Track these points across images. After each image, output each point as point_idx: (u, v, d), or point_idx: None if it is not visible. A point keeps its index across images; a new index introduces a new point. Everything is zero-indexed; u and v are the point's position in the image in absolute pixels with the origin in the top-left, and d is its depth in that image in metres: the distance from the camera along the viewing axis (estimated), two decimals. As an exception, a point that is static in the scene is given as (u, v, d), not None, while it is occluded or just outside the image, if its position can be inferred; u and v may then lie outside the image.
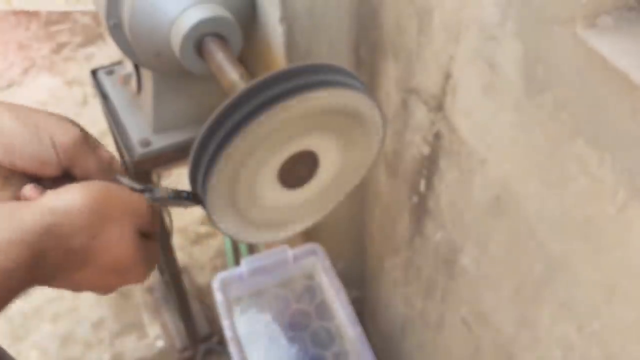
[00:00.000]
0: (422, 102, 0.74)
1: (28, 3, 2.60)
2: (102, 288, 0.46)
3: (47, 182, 0.46)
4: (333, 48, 0.82)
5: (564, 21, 0.46)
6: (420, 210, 0.85)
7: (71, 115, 0.49)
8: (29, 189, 0.44)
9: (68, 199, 0.41)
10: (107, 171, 0.48)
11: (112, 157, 0.49)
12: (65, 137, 0.46)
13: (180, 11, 0.71)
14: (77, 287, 0.45)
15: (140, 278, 0.47)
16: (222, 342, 1.47)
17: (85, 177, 0.47)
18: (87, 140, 0.47)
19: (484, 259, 0.72)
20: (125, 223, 0.44)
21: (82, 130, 0.48)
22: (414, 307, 1.00)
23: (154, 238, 0.49)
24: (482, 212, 0.69)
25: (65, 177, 0.47)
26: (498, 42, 0.55)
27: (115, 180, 0.50)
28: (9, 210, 0.39)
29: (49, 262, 0.39)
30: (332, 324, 1.02)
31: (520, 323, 0.67)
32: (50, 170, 0.46)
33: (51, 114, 0.47)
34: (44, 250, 0.38)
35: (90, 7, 2.62)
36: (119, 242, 0.43)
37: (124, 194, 0.45)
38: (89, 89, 2.25)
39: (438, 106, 0.71)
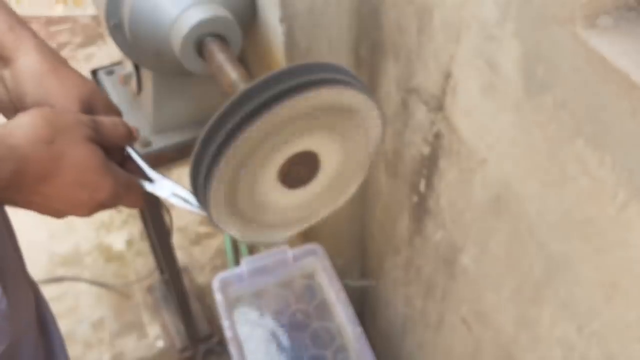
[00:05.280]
0: (422, 102, 0.74)
1: (26, 9, 2.60)
2: (78, 205, 0.48)
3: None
4: (333, 48, 0.82)
5: (564, 21, 0.46)
6: (420, 210, 0.85)
7: (72, 115, 0.50)
8: None
9: (20, 116, 0.45)
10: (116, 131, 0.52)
11: (110, 123, 0.52)
12: (59, 108, 0.50)
13: (180, 11, 0.71)
14: (53, 206, 0.47)
15: (111, 192, 0.49)
16: (222, 342, 1.47)
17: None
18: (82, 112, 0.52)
19: (484, 259, 0.72)
20: (74, 132, 0.46)
21: (84, 107, 0.52)
22: (414, 307, 1.00)
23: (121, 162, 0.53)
24: (482, 212, 0.69)
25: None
26: (498, 41, 0.55)
27: (127, 152, 0.54)
28: None
29: (4, 170, 0.42)
30: (332, 324, 1.02)
31: (520, 323, 0.67)
32: None
33: (67, 82, 0.53)
34: None
35: (89, 11, 2.62)
36: (74, 148, 0.46)
37: (70, 113, 0.48)
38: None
39: (438, 106, 0.71)
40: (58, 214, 0.49)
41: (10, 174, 0.42)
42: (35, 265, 1.70)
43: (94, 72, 1.04)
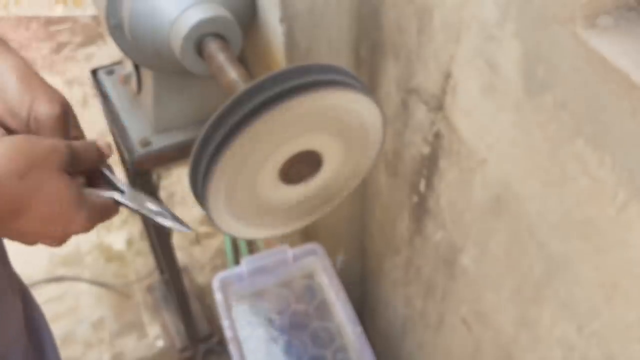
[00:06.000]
0: (422, 102, 0.74)
1: (26, 10, 2.60)
2: (50, 238, 0.48)
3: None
4: (333, 48, 0.82)
5: (564, 21, 0.46)
6: (420, 210, 0.85)
7: (71, 115, 0.50)
8: None
9: None
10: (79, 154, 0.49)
11: (84, 148, 0.51)
12: (43, 107, 0.49)
13: (180, 11, 0.71)
14: (24, 239, 0.47)
15: (85, 225, 0.48)
16: (222, 342, 1.47)
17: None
18: (61, 122, 0.51)
19: (484, 259, 0.72)
20: (49, 163, 0.45)
21: (64, 113, 0.51)
22: (414, 307, 1.00)
23: (95, 184, 0.51)
24: (482, 212, 0.69)
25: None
26: (498, 41, 0.55)
27: (99, 172, 0.53)
28: None
29: None
30: (332, 324, 1.02)
31: (520, 323, 0.67)
32: (17, 126, 0.50)
33: (49, 85, 0.51)
34: None
35: (88, 12, 2.62)
36: (48, 182, 0.45)
37: (44, 139, 0.46)
38: (89, 89, 2.25)
39: (438, 106, 0.71)
40: (30, 243, 0.48)
41: None
42: (35, 265, 1.70)
43: (94, 72, 1.04)
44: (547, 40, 0.49)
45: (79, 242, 1.80)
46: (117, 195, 0.52)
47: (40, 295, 1.64)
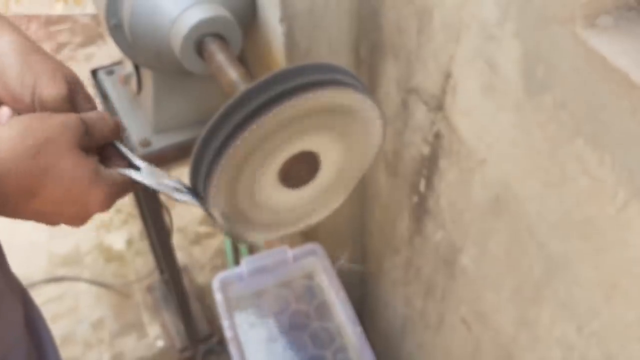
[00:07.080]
0: (422, 102, 0.74)
1: (27, 8, 2.60)
2: (71, 218, 0.47)
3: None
4: (333, 48, 0.82)
5: (564, 21, 0.46)
6: (420, 210, 0.85)
7: (71, 115, 0.49)
8: None
9: (5, 128, 0.42)
10: (90, 131, 0.47)
11: (99, 119, 0.48)
12: (47, 89, 0.47)
13: (180, 11, 0.71)
14: (44, 219, 0.46)
15: (103, 203, 0.46)
16: (222, 342, 1.47)
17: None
18: (68, 100, 0.48)
19: (484, 259, 0.72)
20: (62, 140, 0.43)
21: (71, 89, 0.49)
22: (413, 307, 1.00)
23: (108, 162, 0.49)
24: (482, 212, 0.69)
25: None
26: (498, 41, 0.56)
27: (113, 146, 0.51)
28: None
29: None
30: (332, 324, 1.02)
31: (520, 323, 0.67)
32: (23, 109, 0.48)
33: (52, 61, 0.48)
34: None
35: (88, 10, 2.62)
36: (61, 160, 0.43)
37: (56, 116, 0.45)
38: (89, 89, 2.25)
39: (438, 106, 0.71)
40: (51, 224, 0.47)
41: None
42: (35, 266, 1.71)
43: (94, 72, 1.04)
44: (547, 40, 0.49)
45: (78, 242, 1.80)
46: (133, 173, 0.50)
47: (40, 296, 1.64)
